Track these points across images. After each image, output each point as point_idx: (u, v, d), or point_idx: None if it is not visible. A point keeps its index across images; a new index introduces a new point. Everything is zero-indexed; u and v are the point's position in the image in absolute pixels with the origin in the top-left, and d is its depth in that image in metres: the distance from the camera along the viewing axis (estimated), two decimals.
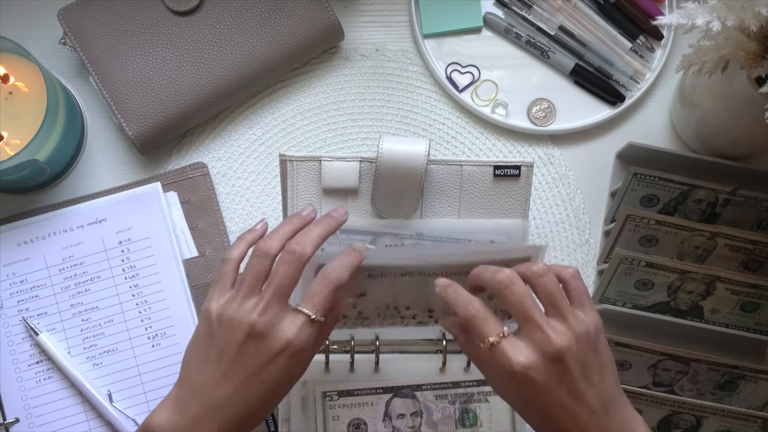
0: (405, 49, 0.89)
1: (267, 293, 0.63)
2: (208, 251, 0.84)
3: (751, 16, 0.68)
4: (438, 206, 0.78)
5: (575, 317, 0.61)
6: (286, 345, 0.62)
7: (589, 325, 0.61)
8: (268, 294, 0.63)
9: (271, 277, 0.63)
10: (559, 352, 0.59)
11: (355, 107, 0.88)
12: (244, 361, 0.62)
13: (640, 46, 0.88)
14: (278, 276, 0.63)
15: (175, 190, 0.85)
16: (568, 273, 0.63)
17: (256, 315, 0.62)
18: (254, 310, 0.62)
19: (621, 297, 0.80)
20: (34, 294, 0.82)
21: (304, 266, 0.64)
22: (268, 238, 0.65)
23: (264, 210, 0.86)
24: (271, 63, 0.85)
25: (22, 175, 0.79)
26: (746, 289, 0.79)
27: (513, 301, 0.61)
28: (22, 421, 0.80)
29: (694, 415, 0.78)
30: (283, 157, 0.78)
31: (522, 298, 0.61)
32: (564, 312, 0.61)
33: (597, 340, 0.61)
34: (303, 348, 0.62)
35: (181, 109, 0.84)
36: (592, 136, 0.89)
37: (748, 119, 0.76)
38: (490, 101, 0.88)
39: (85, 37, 0.84)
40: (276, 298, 0.62)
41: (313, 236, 0.65)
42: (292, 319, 0.62)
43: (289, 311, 0.63)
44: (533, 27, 0.88)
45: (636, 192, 0.82)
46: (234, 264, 0.66)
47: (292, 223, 0.67)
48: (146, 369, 0.81)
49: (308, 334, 0.62)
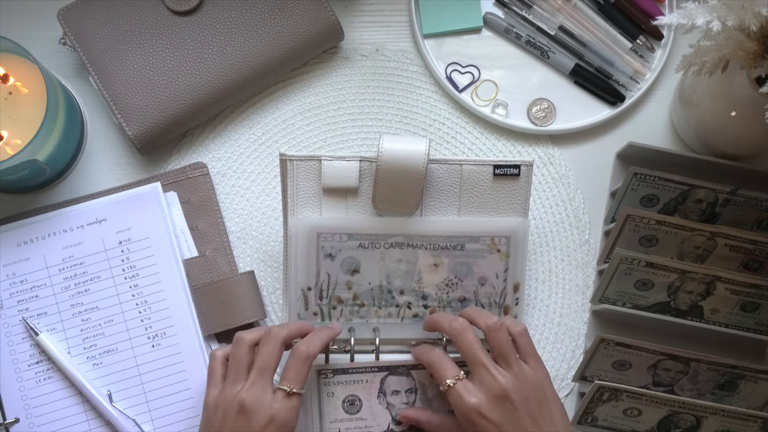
0: (405, 49, 0.89)
1: (253, 373, 0.71)
2: (208, 251, 0.84)
3: (751, 16, 0.68)
4: (438, 205, 0.79)
5: (521, 368, 0.70)
6: (270, 419, 0.69)
7: (534, 375, 0.70)
8: (254, 374, 0.71)
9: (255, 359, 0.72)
10: (505, 391, 0.69)
11: (355, 107, 0.88)
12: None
13: (640, 46, 0.88)
14: (260, 356, 0.71)
15: (175, 190, 0.85)
16: (517, 330, 0.72)
17: (244, 393, 0.70)
18: (242, 390, 0.70)
19: (621, 297, 0.80)
20: (34, 294, 0.82)
21: (281, 346, 0.72)
22: (243, 332, 0.74)
23: (264, 210, 0.86)
24: (271, 63, 0.85)
25: (22, 175, 0.79)
26: (746, 289, 0.79)
27: (464, 348, 0.71)
28: (22, 421, 0.80)
29: (694, 415, 0.78)
30: (284, 156, 0.78)
31: (472, 345, 0.71)
32: (511, 363, 0.70)
33: (543, 389, 0.70)
34: (287, 420, 0.70)
35: (181, 109, 0.84)
36: (592, 136, 0.89)
37: (748, 119, 0.76)
38: (490, 101, 0.88)
39: (85, 37, 0.84)
40: (260, 376, 0.71)
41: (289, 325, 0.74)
42: (273, 396, 0.70)
43: (272, 389, 0.71)
44: (533, 27, 0.88)
45: (636, 192, 0.82)
46: (220, 359, 0.74)
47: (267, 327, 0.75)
48: (146, 369, 0.81)
49: (289, 407, 0.70)
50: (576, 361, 0.84)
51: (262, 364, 0.71)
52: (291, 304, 0.79)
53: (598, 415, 0.78)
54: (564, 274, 0.86)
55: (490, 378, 0.69)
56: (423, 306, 0.79)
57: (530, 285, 0.86)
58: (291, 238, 0.78)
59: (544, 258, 0.86)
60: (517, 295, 0.80)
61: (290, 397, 0.70)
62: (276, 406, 0.69)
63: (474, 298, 0.79)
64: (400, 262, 0.79)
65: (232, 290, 0.82)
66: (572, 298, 0.86)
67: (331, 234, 0.78)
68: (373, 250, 0.78)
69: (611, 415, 0.78)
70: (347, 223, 0.78)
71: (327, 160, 0.77)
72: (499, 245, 0.79)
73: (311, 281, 0.78)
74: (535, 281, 0.86)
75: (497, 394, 0.69)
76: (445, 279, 0.79)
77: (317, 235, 0.78)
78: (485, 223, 0.79)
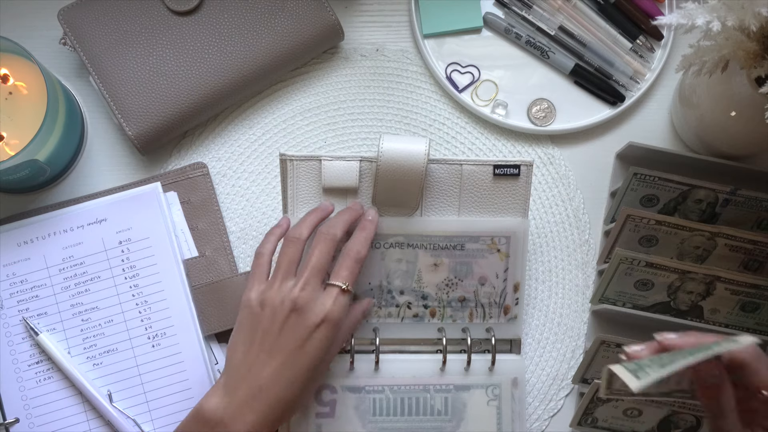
0: (405, 49, 0.89)
1: (305, 272, 0.70)
2: (208, 251, 0.84)
3: (751, 16, 0.68)
4: (438, 205, 0.79)
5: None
6: (325, 316, 0.69)
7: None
8: (306, 272, 0.70)
9: (307, 257, 0.71)
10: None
11: (355, 107, 0.88)
12: (287, 337, 0.69)
13: (640, 46, 0.88)
14: (314, 255, 0.71)
15: (175, 190, 0.85)
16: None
17: (297, 291, 0.69)
18: (294, 288, 0.69)
19: (621, 297, 0.80)
20: (34, 294, 0.82)
21: (335, 246, 0.72)
22: (297, 227, 0.73)
23: (264, 210, 0.86)
24: (271, 63, 0.85)
25: (22, 175, 0.79)
26: (746, 289, 0.79)
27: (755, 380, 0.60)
28: (22, 421, 0.80)
29: (694, 415, 0.78)
30: (284, 156, 0.78)
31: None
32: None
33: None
34: (339, 318, 0.69)
35: (181, 109, 0.84)
36: (592, 136, 0.89)
37: (748, 119, 0.76)
38: (490, 101, 0.88)
39: (85, 37, 0.84)
40: (313, 275, 0.70)
41: (341, 220, 0.74)
42: (327, 293, 0.70)
43: (324, 286, 0.70)
44: (533, 27, 0.88)
45: (636, 192, 0.82)
46: (267, 257, 0.73)
47: (315, 213, 0.75)
48: (146, 369, 0.81)
49: (342, 304, 0.70)
50: (576, 361, 0.84)
51: (316, 264, 0.70)
52: None
53: (599, 416, 0.78)
54: (564, 274, 0.86)
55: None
56: (423, 306, 0.79)
57: (530, 285, 0.86)
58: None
59: (544, 258, 0.86)
60: (517, 295, 0.80)
61: (344, 293, 0.70)
62: (329, 304, 0.69)
63: (474, 298, 0.79)
64: (400, 262, 0.79)
65: (232, 290, 0.82)
66: (572, 298, 0.86)
67: None
68: (373, 250, 0.78)
69: (611, 415, 0.78)
70: None
71: (327, 160, 0.77)
72: (499, 245, 0.79)
73: None
74: (535, 281, 0.86)
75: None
76: (445, 279, 0.79)
77: None
78: (485, 223, 0.79)
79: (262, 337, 0.69)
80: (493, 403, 0.79)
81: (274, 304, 0.69)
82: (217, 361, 0.82)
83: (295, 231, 0.73)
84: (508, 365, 0.80)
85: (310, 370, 0.69)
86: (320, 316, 0.69)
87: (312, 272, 0.70)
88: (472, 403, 0.79)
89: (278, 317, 0.69)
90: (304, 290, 0.69)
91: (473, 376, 0.79)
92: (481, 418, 0.79)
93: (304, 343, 0.69)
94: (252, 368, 0.69)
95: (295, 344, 0.69)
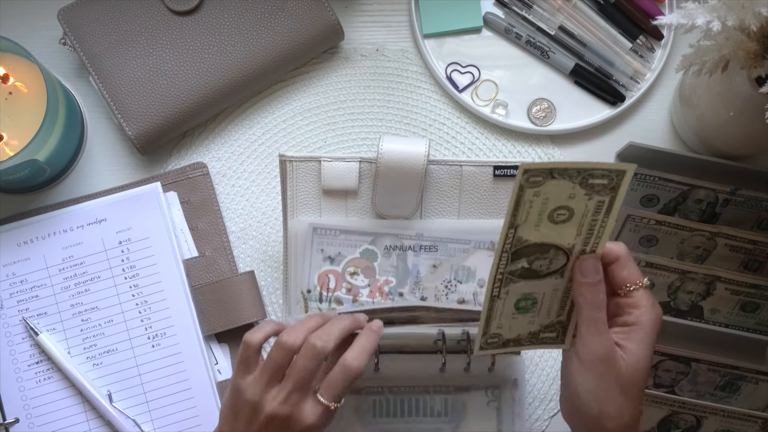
0: (405, 49, 0.89)
1: (288, 384, 0.66)
2: (208, 251, 0.84)
3: (751, 16, 0.68)
4: (438, 206, 0.79)
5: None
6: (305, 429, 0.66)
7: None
8: (290, 385, 0.66)
9: (292, 368, 0.67)
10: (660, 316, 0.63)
11: (355, 107, 0.88)
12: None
13: (640, 46, 0.88)
14: (298, 370, 0.66)
15: (175, 190, 0.85)
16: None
17: (277, 404, 0.66)
18: (275, 399, 0.66)
19: None
20: (34, 294, 0.82)
21: (323, 360, 0.67)
22: (291, 331, 0.68)
23: (264, 210, 0.86)
24: (271, 63, 0.85)
25: (22, 175, 0.79)
26: (746, 289, 0.79)
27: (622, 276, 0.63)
28: (22, 421, 0.80)
29: (694, 415, 0.78)
30: (283, 157, 0.78)
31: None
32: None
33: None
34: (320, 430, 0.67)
35: (181, 109, 0.84)
36: (592, 136, 0.89)
37: (748, 119, 0.76)
38: (490, 101, 0.88)
39: (85, 37, 0.84)
40: (296, 389, 0.66)
41: (335, 331, 0.68)
42: (311, 407, 0.66)
43: (310, 398, 0.67)
44: (533, 27, 0.88)
45: (636, 192, 0.82)
46: (255, 349, 0.68)
47: (315, 321, 0.70)
48: (146, 369, 0.81)
49: (326, 420, 0.67)
50: None
51: (300, 379, 0.66)
52: (291, 306, 0.79)
53: None
54: None
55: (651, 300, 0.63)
56: None
57: None
58: (291, 241, 0.78)
59: None
60: None
61: (330, 412, 0.67)
62: (314, 419, 0.66)
63: (473, 300, 0.79)
64: (399, 263, 0.78)
65: (232, 290, 0.82)
66: None
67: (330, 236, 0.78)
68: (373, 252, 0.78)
69: None
70: (348, 224, 0.78)
71: (326, 161, 0.77)
72: None
73: (311, 284, 0.78)
74: None
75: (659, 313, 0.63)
76: (444, 281, 0.79)
77: (317, 237, 0.78)
78: (485, 225, 0.79)
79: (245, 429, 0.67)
80: (493, 404, 0.79)
81: (255, 407, 0.66)
82: (216, 361, 0.82)
83: (288, 337, 0.67)
84: (507, 366, 0.80)
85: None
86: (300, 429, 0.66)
87: (295, 387, 0.66)
88: (471, 404, 0.78)
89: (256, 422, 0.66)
90: (284, 404, 0.66)
91: (473, 377, 0.78)
92: (481, 419, 0.79)
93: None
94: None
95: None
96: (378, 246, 0.78)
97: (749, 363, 0.79)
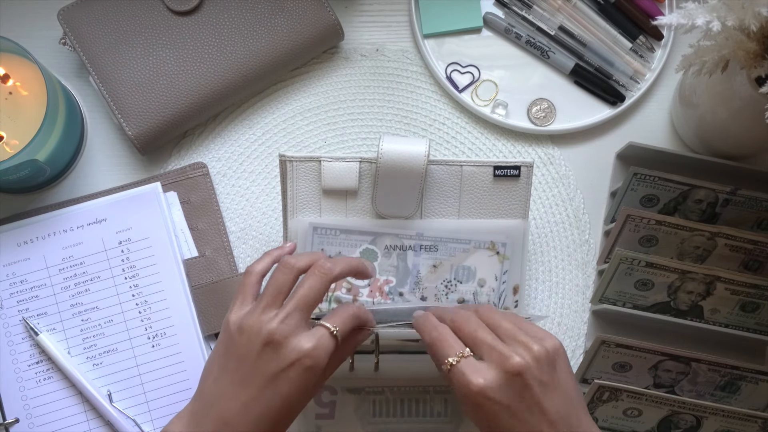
0: (405, 49, 0.89)
1: (289, 304, 0.64)
2: (208, 251, 0.84)
3: (751, 16, 0.68)
4: (438, 206, 0.79)
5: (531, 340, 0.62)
6: (302, 355, 0.62)
7: (545, 346, 0.62)
8: (291, 305, 0.64)
9: (296, 288, 0.65)
10: (519, 367, 0.60)
11: (355, 107, 0.88)
12: (260, 370, 0.62)
13: (640, 46, 0.88)
14: (304, 288, 0.64)
15: (175, 190, 0.85)
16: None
17: (276, 323, 0.63)
18: (274, 319, 0.63)
19: (621, 297, 0.80)
20: (34, 294, 0.82)
21: (330, 284, 0.65)
22: (295, 255, 0.67)
23: (264, 210, 0.86)
24: (271, 63, 0.85)
25: (22, 175, 0.79)
26: (746, 289, 0.79)
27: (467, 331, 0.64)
28: (22, 421, 0.80)
29: (694, 415, 0.78)
30: (283, 157, 0.78)
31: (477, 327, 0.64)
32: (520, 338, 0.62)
33: (555, 359, 0.62)
34: (318, 362, 0.63)
35: (181, 109, 0.84)
36: (592, 136, 0.89)
37: (748, 119, 0.76)
38: (490, 101, 0.88)
39: (85, 37, 0.84)
40: (298, 309, 0.63)
41: (344, 261, 0.67)
42: (312, 332, 0.64)
43: (310, 325, 0.64)
44: (533, 27, 0.88)
45: (636, 192, 0.82)
46: (257, 277, 0.67)
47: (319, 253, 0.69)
48: (146, 369, 0.81)
49: (326, 348, 0.63)
50: (576, 362, 0.84)
51: (304, 298, 0.63)
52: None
53: (598, 416, 0.78)
54: (564, 274, 0.86)
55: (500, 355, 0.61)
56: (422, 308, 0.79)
57: (530, 285, 0.86)
58: (291, 240, 0.78)
59: (544, 258, 0.86)
60: (516, 297, 0.80)
61: (331, 337, 0.63)
62: (308, 346, 0.62)
63: (473, 300, 0.79)
64: (400, 263, 0.78)
65: (232, 290, 0.82)
66: (572, 298, 0.86)
67: (330, 236, 0.78)
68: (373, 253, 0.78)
69: (611, 415, 0.78)
70: (348, 224, 0.78)
71: (326, 161, 0.77)
72: (498, 247, 0.79)
73: None
74: (535, 281, 0.86)
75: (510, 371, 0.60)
76: (444, 281, 0.79)
77: (317, 237, 0.78)
78: (485, 225, 0.79)
79: (236, 366, 0.63)
80: None
81: (251, 332, 0.63)
82: None
83: (291, 258, 0.66)
84: None
85: (281, 409, 0.63)
86: (297, 354, 0.62)
87: (297, 305, 0.63)
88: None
89: (253, 347, 0.62)
90: (284, 323, 0.62)
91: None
92: None
93: (276, 380, 0.62)
94: (221, 399, 0.63)
95: (266, 379, 0.62)
96: (378, 246, 0.78)
97: (749, 363, 0.79)
